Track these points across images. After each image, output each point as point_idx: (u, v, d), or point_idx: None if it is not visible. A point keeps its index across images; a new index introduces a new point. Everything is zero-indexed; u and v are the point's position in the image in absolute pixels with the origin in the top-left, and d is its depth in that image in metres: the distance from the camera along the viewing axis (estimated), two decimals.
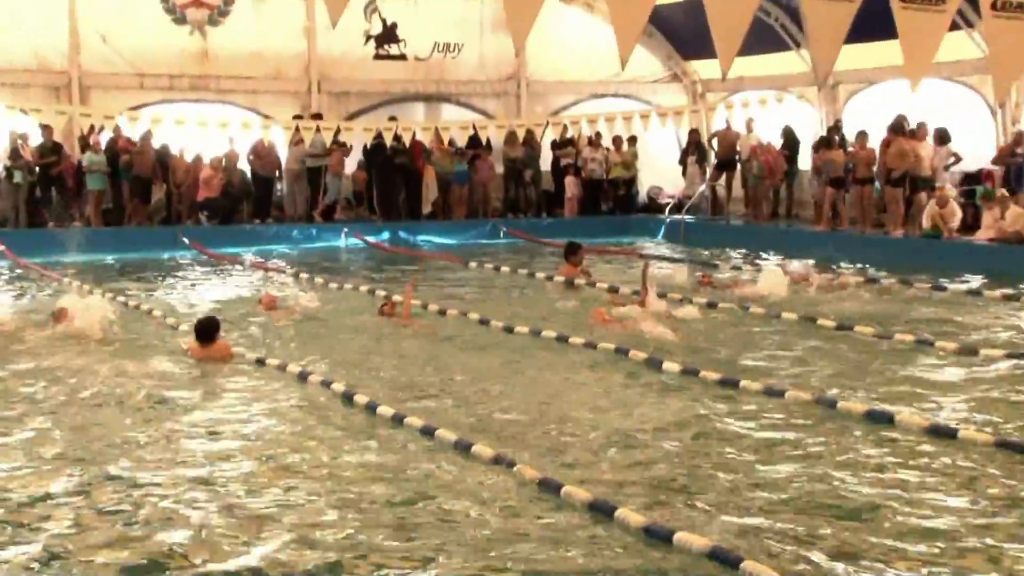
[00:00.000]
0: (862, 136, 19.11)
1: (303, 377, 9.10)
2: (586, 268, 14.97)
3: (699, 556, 5.20)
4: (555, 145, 23.53)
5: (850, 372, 9.25)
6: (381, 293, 13.46)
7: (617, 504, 5.81)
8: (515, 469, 6.44)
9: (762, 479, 6.48)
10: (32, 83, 21.15)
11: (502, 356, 10.10)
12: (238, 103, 22.43)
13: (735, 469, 6.67)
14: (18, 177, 19.94)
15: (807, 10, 15.14)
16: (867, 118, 20.41)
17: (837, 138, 20.34)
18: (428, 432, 7.31)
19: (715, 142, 23.39)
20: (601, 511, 5.77)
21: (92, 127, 20.73)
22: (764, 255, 18.19)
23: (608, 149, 23.41)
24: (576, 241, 15.43)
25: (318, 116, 22.03)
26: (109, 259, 18.43)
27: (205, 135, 21.20)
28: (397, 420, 7.69)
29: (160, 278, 16.23)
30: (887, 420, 7.61)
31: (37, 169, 20.25)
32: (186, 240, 19.75)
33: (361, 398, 8.29)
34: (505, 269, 16.33)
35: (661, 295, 12.47)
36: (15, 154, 19.85)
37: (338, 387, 8.67)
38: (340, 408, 8.29)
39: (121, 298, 13.33)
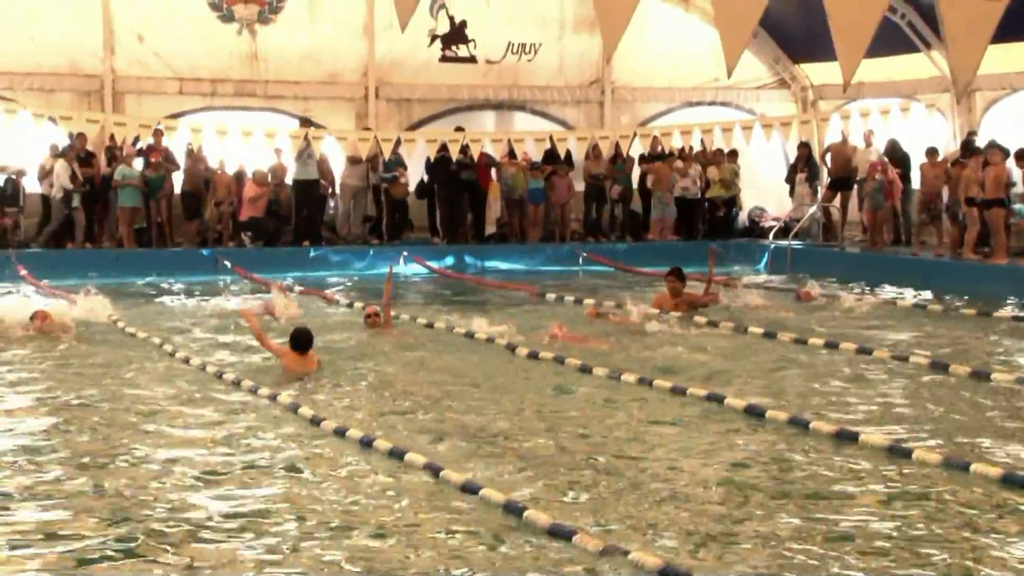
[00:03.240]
0: (994, 150, 17.98)
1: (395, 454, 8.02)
2: (694, 297, 14.29)
3: None
4: (644, 159, 22.69)
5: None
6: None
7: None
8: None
9: None
10: (60, 88, 20.88)
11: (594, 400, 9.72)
12: (287, 110, 22.07)
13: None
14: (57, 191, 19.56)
15: (944, 6, 14.05)
16: (1009, 131, 19.51)
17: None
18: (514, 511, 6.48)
19: (828, 158, 22.37)
20: None
21: (125, 137, 20.32)
22: (884, 287, 17.19)
23: (704, 165, 22.62)
24: (676, 267, 14.80)
25: (308, 122, 21.44)
26: (140, 283, 18.18)
27: (250, 146, 20.79)
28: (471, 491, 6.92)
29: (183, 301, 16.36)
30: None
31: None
32: (227, 264, 19.37)
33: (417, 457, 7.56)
34: (589, 301, 15.64)
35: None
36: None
37: (383, 444, 7.86)
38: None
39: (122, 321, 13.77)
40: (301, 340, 10.49)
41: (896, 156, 20.84)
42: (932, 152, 19.56)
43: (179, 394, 9.81)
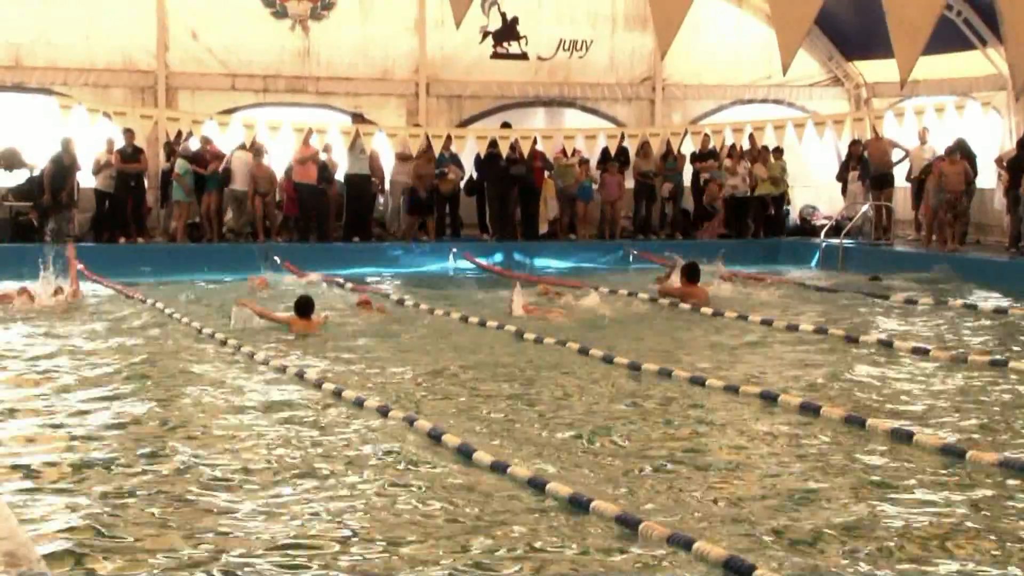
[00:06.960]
0: None
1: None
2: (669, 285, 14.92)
3: None
4: (696, 157, 22.50)
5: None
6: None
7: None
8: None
9: None
10: (115, 84, 21.02)
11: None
12: (339, 107, 22.06)
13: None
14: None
15: (1004, 3, 13.84)
16: None
17: None
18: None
19: (866, 154, 22.05)
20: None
21: (180, 133, 20.49)
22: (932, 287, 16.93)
23: (752, 162, 22.40)
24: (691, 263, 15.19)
25: (359, 118, 21.41)
26: (189, 279, 18.01)
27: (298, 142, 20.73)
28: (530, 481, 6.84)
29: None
30: None
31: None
32: (277, 259, 19.28)
33: (485, 456, 7.38)
34: (643, 296, 15.63)
35: None
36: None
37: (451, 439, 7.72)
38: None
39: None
40: (303, 306, 12.29)
41: (965, 156, 20.51)
42: (951, 151, 19.37)
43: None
